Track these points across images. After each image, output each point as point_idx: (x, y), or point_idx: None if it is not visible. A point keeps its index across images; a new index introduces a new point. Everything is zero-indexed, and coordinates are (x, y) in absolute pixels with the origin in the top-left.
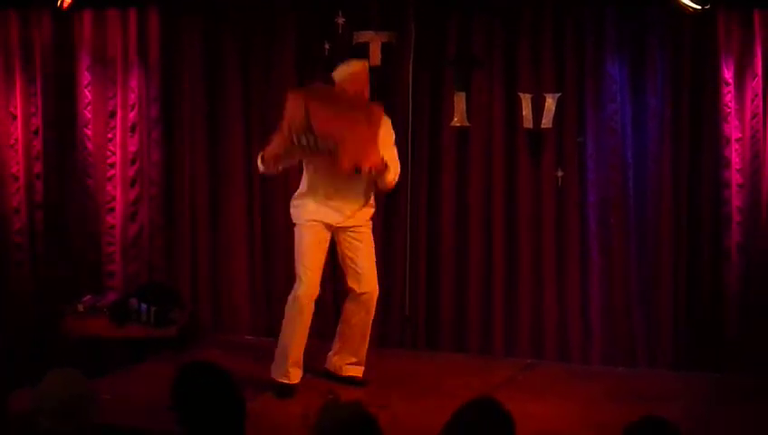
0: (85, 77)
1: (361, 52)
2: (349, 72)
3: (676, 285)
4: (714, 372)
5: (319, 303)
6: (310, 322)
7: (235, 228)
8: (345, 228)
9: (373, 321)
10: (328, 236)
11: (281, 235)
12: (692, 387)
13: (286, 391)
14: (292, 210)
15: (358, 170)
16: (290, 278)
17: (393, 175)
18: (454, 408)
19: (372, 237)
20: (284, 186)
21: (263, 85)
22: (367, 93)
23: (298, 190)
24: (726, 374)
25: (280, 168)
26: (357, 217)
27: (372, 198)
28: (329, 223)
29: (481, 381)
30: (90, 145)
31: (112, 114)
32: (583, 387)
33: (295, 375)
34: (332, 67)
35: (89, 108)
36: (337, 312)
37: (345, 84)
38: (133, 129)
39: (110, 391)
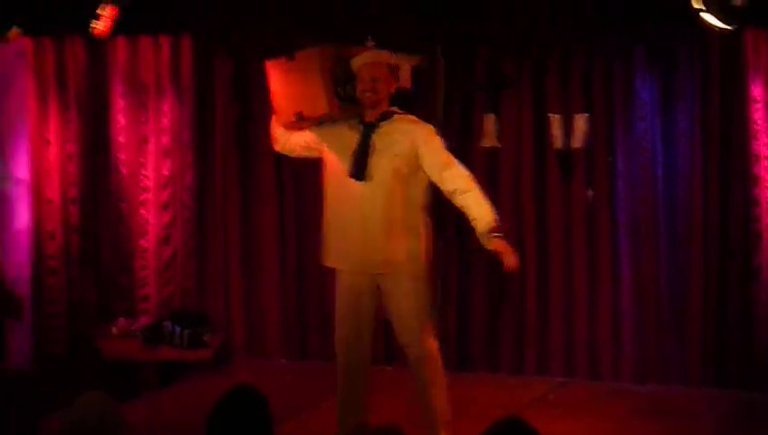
0: (119, 103)
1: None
2: (356, 65)
3: (705, 302)
4: (743, 390)
5: None
6: (358, 383)
7: (267, 251)
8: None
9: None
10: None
11: (313, 257)
12: (722, 405)
13: None
14: None
15: (300, 120)
16: (322, 300)
17: (464, 180)
18: (484, 428)
19: (417, 287)
20: (317, 209)
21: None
22: (379, 94)
23: None
24: (756, 392)
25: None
26: (389, 263)
27: (427, 245)
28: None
29: (513, 400)
30: (123, 169)
31: (145, 139)
32: (614, 405)
33: None
34: None
35: (122, 133)
36: None
37: (357, 78)
38: (166, 153)
39: (144, 414)
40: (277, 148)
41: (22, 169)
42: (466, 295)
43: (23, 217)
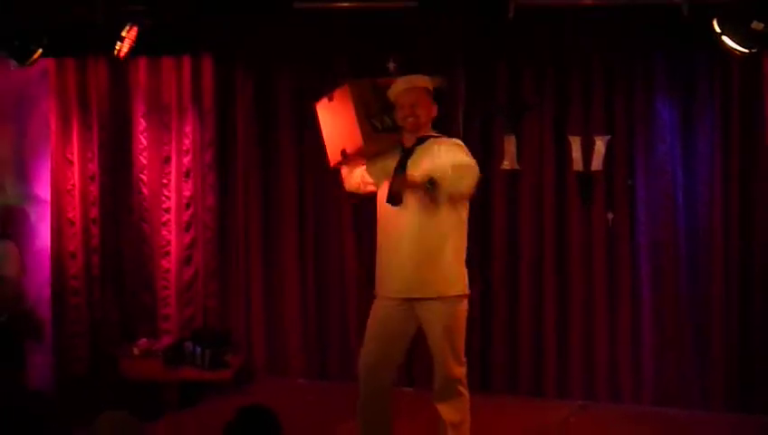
0: (140, 123)
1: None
2: (394, 93)
3: (727, 326)
4: (766, 415)
5: None
6: (377, 408)
7: (288, 272)
8: (413, 301)
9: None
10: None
11: (334, 279)
12: (743, 430)
13: None
14: None
15: (345, 157)
16: (342, 321)
17: (455, 178)
18: None
19: (450, 312)
20: (338, 230)
21: (315, 130)
22: (420, 118)
23: None
24: None
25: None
26: (426, 289)
27: (459, 268)
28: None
29: (533, 424)
30: (145, 190)
31: (167, 160)
32: (635, 429)
33: None
34: None
35: (144, 153)
36: None
37: (397, 106)
38: (188, 174)
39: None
40: (346, 187)
41: (43, 188)
42: (487, 317)
43: (44, 237)
